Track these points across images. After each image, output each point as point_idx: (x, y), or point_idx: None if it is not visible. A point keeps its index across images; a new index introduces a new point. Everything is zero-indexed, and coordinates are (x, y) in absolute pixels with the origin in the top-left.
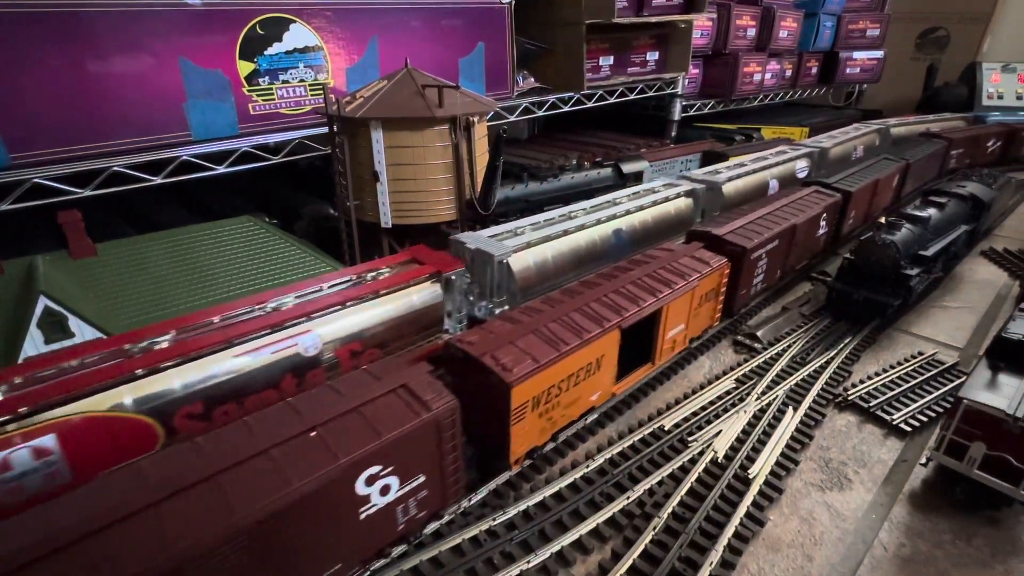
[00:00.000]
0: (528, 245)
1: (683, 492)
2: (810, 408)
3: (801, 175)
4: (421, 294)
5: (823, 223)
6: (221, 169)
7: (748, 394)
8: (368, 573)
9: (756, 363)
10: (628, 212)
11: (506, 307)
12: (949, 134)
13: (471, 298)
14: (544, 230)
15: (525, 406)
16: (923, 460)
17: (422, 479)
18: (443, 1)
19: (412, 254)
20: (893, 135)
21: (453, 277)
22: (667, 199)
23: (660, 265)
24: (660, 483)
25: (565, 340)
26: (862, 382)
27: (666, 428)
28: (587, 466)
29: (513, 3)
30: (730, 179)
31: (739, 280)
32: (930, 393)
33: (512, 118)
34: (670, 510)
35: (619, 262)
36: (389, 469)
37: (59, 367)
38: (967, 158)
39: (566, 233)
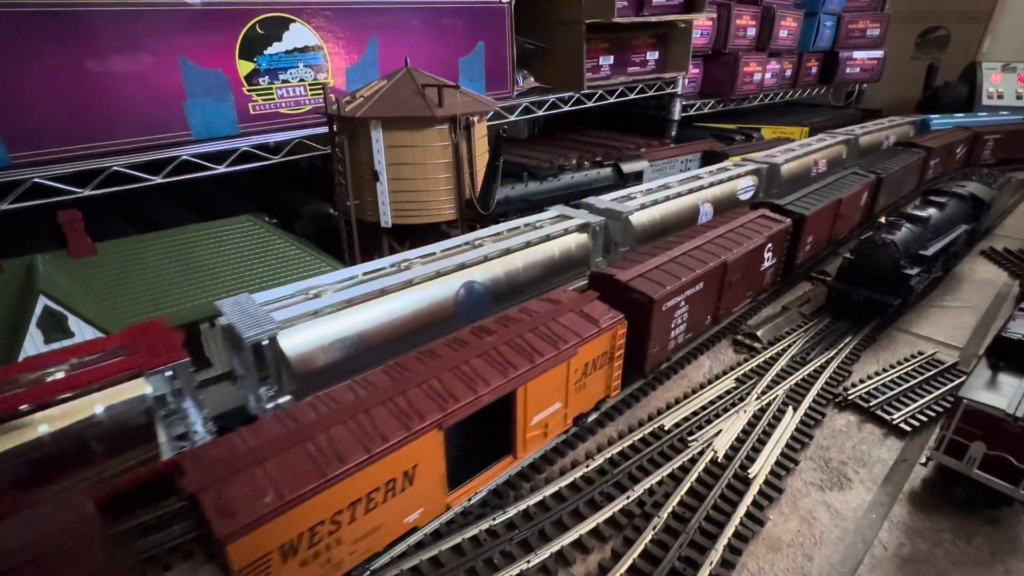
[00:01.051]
0: (315, 314)
1: (683, 492)
2: (810, 408)
3: (745, 196)
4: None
5: (769, 254)
6: (221, 169)
7: (748, 394)
8: (368, 573)
9: (756, 363)
10: (486, 258)
11: (281, 400)
12: (927, 142)
13: (248, 387)
14: (349, 291)
15: (266, 561)
16: (923, 460)
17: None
18: (443, 0)
19: (128, 338)
20: (862, 145)
21: (171, 374)
22: (548, 237)
23: (530, 327)
24: (660, 483)
25: (342, 456)
26: (862, 382)
27: (666, 428)
28: (587, 466)
29: (513, 2)
30: (643, 206)
31: (648, 336)
32: (930, 393)
33: (512, 118)
34: (670, 510)
35: (483, 321)
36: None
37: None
38: (942, 167)
39: (384, 293)
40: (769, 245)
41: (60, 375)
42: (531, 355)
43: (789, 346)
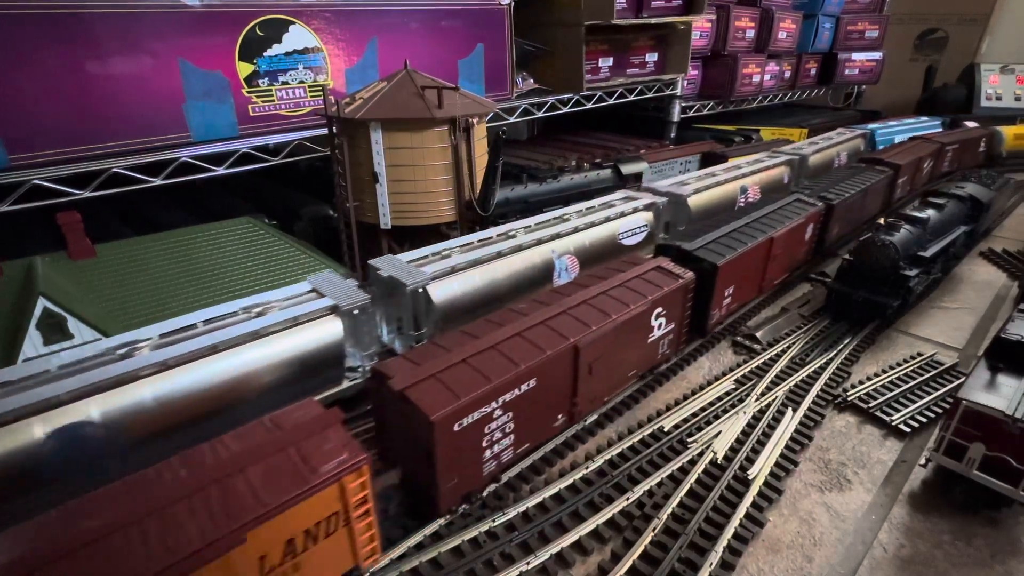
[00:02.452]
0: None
1: (683, 493)
2: (809, 409)
3: (631, 240)
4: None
5: (659, 320)
6: (221, 170)
7: (748, 395)
8: (368, 573)
9: (756, 364)
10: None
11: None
12: (894, 158)
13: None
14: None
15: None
16: (922, 461)
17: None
18: (442, 2)
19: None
20: (812, 165)
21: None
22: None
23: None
24: (659, 484)
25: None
26: (861, 383)
27: (665, 429)
28: (586, 467)
29: (512, 4)
30: (435, 278)
31: (434, 472)
32: (929, 394)
33: (511, 119)
34: (669, 511)
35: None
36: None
37: None
38: (911, 185)
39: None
40: (660, 309)
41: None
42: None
43: (789, 347)
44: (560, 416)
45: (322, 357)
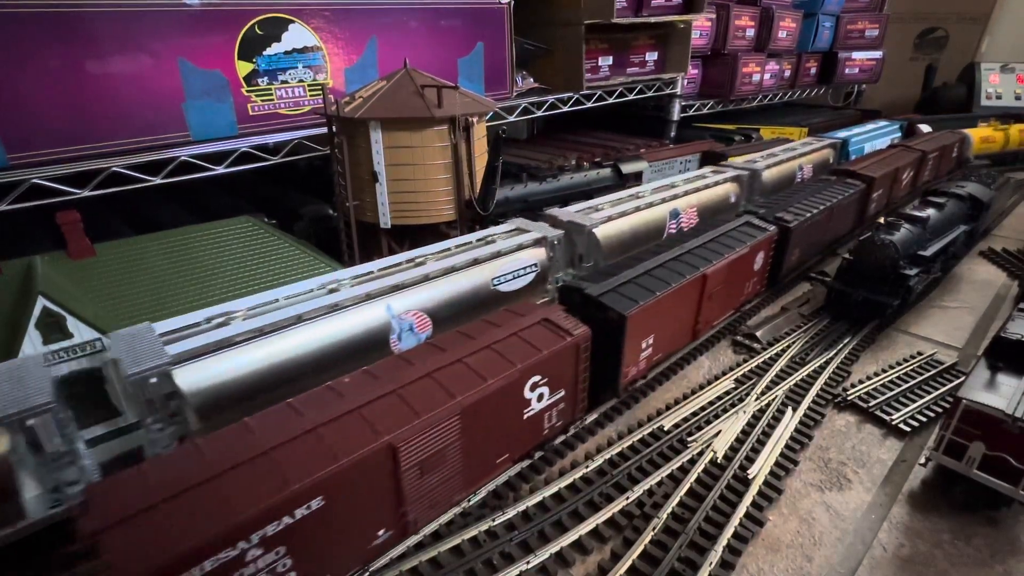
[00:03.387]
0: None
1: (682, 492)
2: (809, 408)
3: (512, 286)
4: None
5: (539, 391)
6: (220, 169)
7: (747, 394)
8: (368, 573)
9: (755, 363)
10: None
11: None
12: (867, 169)
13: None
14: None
15: None
16: (922, 460)
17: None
18: (442, 1)
19: None
20: (767, 181)
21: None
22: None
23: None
24: (659, 483)
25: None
26: (861, 382)
27: (665, 428)
28: (586, 466)
29: (512, 3)
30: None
31: None
32: (929, 393)
33: (511, 118)
34: (669, 510)
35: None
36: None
37: None
38: (887, 198)
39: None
40: (537, 378)
41: None
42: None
43: (788, 347)
44: (382, 531)
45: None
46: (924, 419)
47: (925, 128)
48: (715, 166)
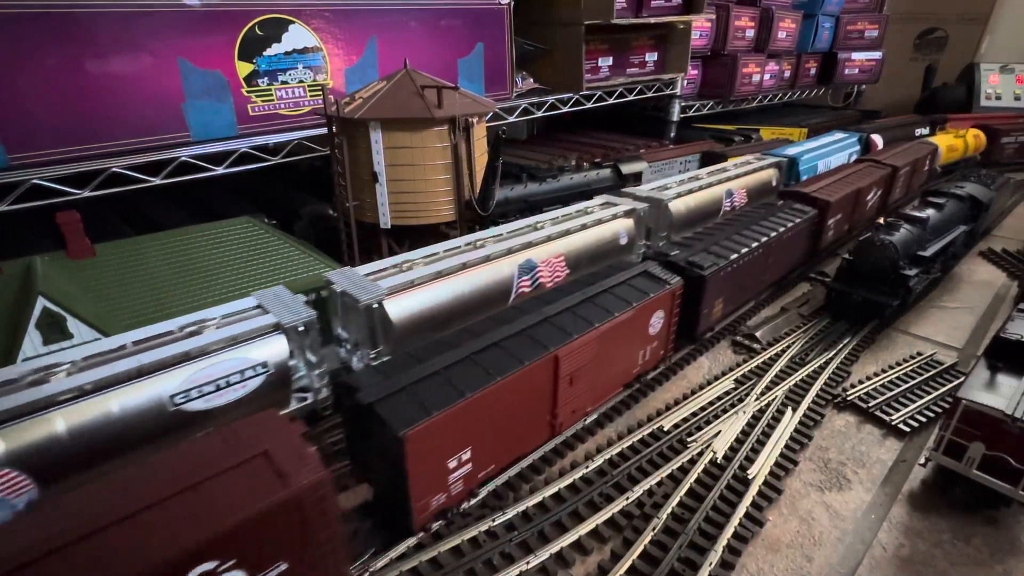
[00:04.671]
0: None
1: (682, 493)
2: (809, 408)
3: (210, 404)
4: None
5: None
6: (220, 170)
7: (747, 394)
8: (368, 573)
9: (755, 363)
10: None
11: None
12: (823, 191)
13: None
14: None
15: None
16: (922, 460)
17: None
18: (442, 2)
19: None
20: (678, 215)
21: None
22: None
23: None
24: (659, 484)
25: None
26: (861, 382)
27: (665, 429)
28: (586, 467)
29: (512, 4)
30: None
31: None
32: (929, 393)
33: (511, 119)
34: (669, 511)
35: None
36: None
37: None
38: (848, 222)
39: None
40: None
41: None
42: None
43: (788, 347)
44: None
45: None
46: (924, 419)
47: (878, 139)
48: (610, 195)
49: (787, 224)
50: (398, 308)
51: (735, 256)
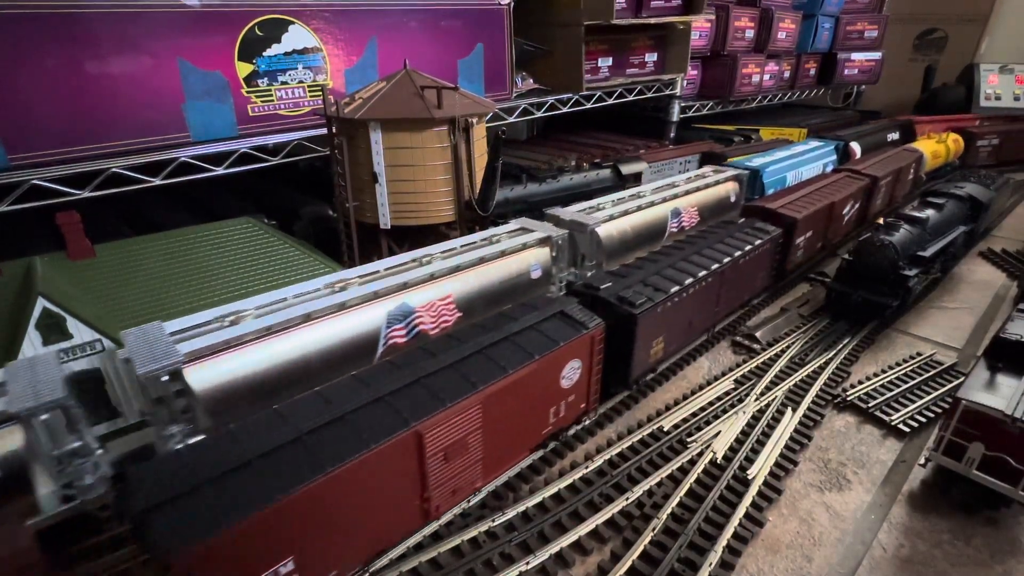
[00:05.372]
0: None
1: (682, 493)
2: (809, 409)
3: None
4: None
5: None
6: (220, 170)
7: (747, 395)
8: (368, 574)
9: (755, 364)
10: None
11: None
12: (790, 208)
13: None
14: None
15: None
16: (922, 461)
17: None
18: (442, 2)
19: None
20: (604, 241)
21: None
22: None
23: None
24: (659, 484)
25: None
26: (861, 383)
27: (665, 429)
28: (586, 467)
29: (512, 4)
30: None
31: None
32: (929, 394)
33: (511, 119)
34: (669, 511)
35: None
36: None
37: None
38: (821, 240)
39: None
40: None
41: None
42: None
43: (788, 347)
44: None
45: None
46: (923, 420)
47: (856, 148)
48: (529, 220)
49: (746, 246)
50: (207, 376)
51: (677, 289)
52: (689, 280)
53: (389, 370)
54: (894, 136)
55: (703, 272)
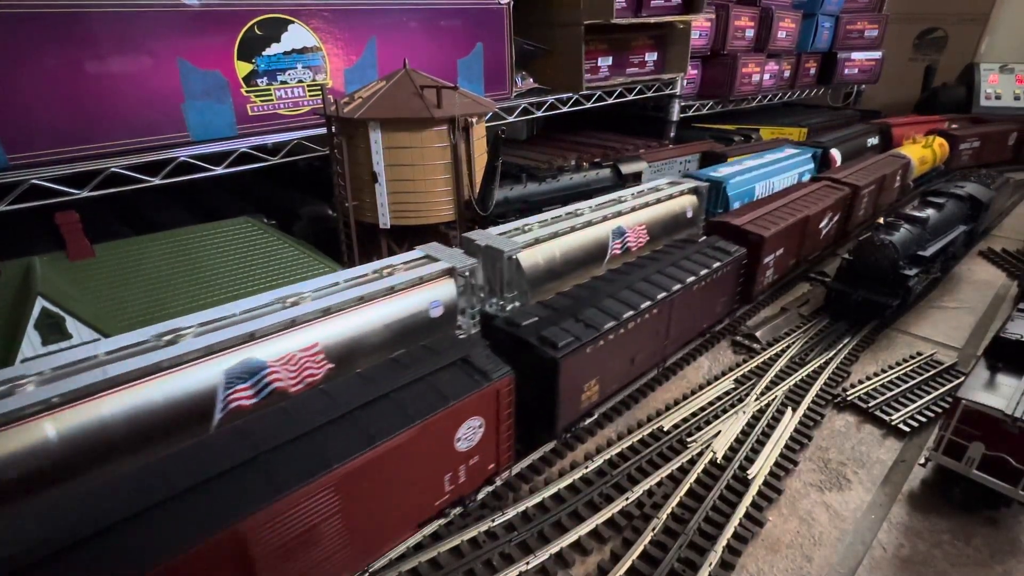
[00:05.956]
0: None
1: (682, 493)
2: (809, 408)
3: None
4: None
5: None
6: (219, 170)
7: (747, 394)
8: (368, 574)
9: (755, 363)
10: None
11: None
12: (757, 224)
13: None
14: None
15: None
16: (922, 460)
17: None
18: (442, 2)
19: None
20: (527, 271)
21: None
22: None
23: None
24: (659, 484)
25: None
26: (861, 382)
27: (665, 429)
28: (586, 467)
29: (512, 4)
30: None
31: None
32: (929, 393)
33: (511, 119)
34: (669, 511)
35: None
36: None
37: None
38: (793, 257)
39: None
40: None
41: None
42: None
43: (788, 347)
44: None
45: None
46: (924, 419)
47: (837, 155)
48: (438, 245)
49: (701, 270)
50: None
51: (612, 324)
52: (629, 313)
53: (224, 443)
54: (874, 141)
55: (646, 303)
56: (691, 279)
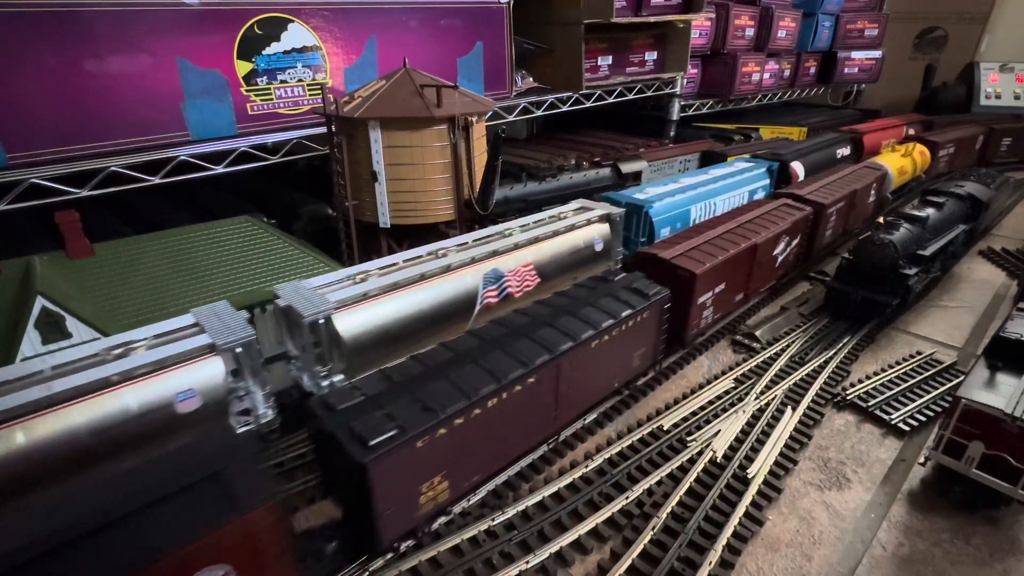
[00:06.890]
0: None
1: (682, 492)
2: (809, 408)
3: None
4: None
5: None
6: (219, 169)
7: (747, 394)
8: (368, 573)
9: (755, 363)
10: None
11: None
12: (691, 260)
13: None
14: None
15: None
16: (921, 459)
17: None
18: (441, 1)
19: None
20: (347, 341)
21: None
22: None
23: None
24: (659, 483)
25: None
26: (860, 382)
27: (665, 428)
28: (586, 466)
29: (512, 3)
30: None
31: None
32: (928, 392)
33: (511, 118)
34: (669, 510)
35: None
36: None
37: None
38: (741, 291)
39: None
40: None
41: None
42: None
43: (788, 346)
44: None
45: None
46: (923, 418)
47: (799, 168)
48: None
49: (605, 321)
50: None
51: (462, 405)
52: (489, 387)
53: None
54: (844, 152)
55: (518, 371)
56: (588, 333)
